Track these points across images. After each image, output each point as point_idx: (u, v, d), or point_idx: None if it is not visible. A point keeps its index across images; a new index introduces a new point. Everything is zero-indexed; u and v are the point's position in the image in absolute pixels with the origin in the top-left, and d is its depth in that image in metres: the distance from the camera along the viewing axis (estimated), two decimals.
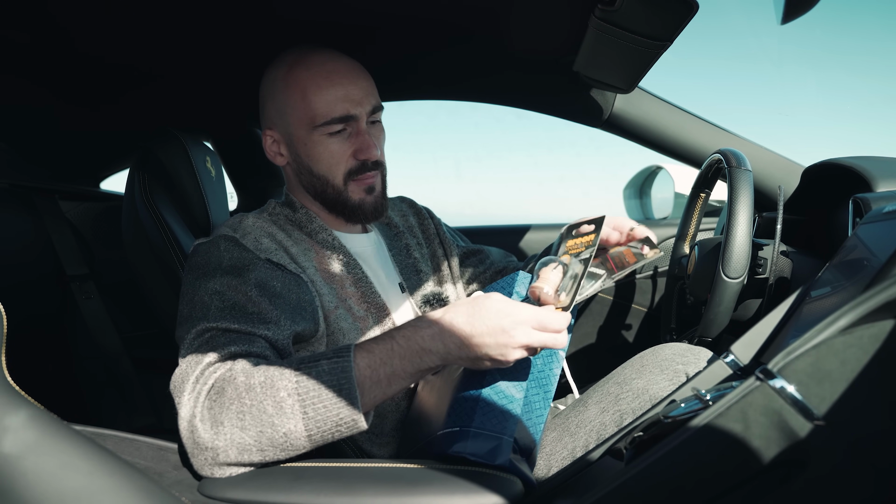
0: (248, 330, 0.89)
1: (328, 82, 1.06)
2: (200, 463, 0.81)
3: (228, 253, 0.99)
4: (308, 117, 1.07)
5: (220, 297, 0.93)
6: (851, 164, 1.34)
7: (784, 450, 0.65)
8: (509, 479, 0.79)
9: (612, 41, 1.14)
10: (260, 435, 0.79)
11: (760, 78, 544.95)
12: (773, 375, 0.65)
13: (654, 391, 0.97)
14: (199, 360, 0.85)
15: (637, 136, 1.66)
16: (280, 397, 0.79)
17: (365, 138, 1.09)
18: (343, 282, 1.09)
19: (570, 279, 0.92)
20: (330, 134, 1.08)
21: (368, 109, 1.09)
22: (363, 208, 1.13)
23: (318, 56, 1.09)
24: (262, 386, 0.80)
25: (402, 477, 0.79)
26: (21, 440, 0.66)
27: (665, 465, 0.68)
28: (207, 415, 0.80)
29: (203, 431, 0.80)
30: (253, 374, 0.81)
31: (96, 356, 1.81)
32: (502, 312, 0.82)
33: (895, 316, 0.65)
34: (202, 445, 0.80)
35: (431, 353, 0.83)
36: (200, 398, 0.81)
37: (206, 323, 0.89)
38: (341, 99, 1.06)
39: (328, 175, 1.10)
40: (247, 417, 0.79)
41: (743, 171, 1.17)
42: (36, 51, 1.23)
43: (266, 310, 0.92)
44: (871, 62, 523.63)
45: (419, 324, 0.85)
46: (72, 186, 1.93)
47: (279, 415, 0.79)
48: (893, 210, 0.92)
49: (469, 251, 1.38)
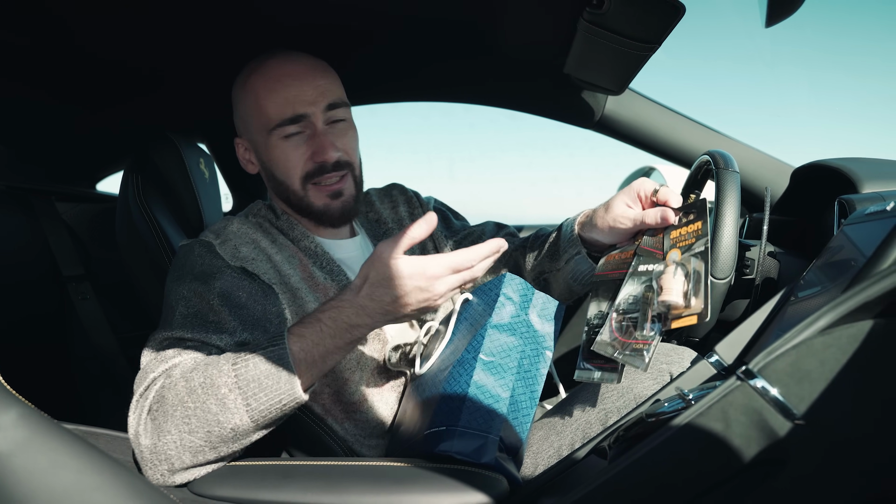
0: (200, 339, 0.91)
1: (280, 85, 1.05)
2: (159, 475, 0.82)
3: (200, 259, 1.00)
4: (262, 122, 1.07)
5: (186, 303, 0.95)
6: (838, 165, 1.35)
7: (764, 449, 0.66)
8: (495, 477, 0.80)
9: (602, 43, 1.15)
10: (209, 434, 0.81)
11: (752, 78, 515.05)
12: (754, 375, 0.66)
13: (639, 390, 0.98)
14: (150, 370, 0.87)
15: (628, 137, 1.67)
16: (222, 394, 0.81)
17: (320, 139, 1.06)
18: (327, 290, 1.08)
19: (694, 280, 0.85)
20: (286, 137, 1.07)
21: (323, 107, 1.07)
22: (328, 213, 1.11)
23: (275, 60, 1.08)
24: (203, 387, 0.81)
25: (389, 475, 0.80)
26: (11, 438, 0.67)
27: (648, 463, 0.69)
28: (151, 426, 0.82)
29: (145, 439, 0.82)
30: (192, 376, 0.83)
31: (92, 356, 1.82)
32: (416, 273, 0.83)
33: (873, 316, 0.65)
34: (152, 457, 0.82)
35: (359, 326, 0.86)
36: (143, 413, 0.83)
37: (166, 331, 0.92)
38: (290, 100, 1.05)
39: (286, 180, 1.09)
40: (192, 420, 0.81)
41: (730, 172, 1.18)
42: (34, 53, 1.24)
43: (225, 319, 0.94)
44: (863, 63, 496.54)
45: (341, 303, 0.86)
46: (68, 188, 1.94)
47: (224, 412, 0.80)
48: (876, 211, 0.93)
49: (463, 235, 1.33)
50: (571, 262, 1.10)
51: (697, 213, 0.91)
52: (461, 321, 1.02)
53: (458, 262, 0.84)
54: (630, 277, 0.93)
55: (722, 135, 1.66)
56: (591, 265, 1.08)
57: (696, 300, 0.83)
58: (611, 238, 1.03)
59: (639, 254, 0.95)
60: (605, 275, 1.00)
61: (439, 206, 1.36)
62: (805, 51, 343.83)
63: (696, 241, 0.88)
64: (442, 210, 1.36)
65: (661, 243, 0.93)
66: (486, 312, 0.96)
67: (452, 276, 0.85)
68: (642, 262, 0.94)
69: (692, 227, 0.90)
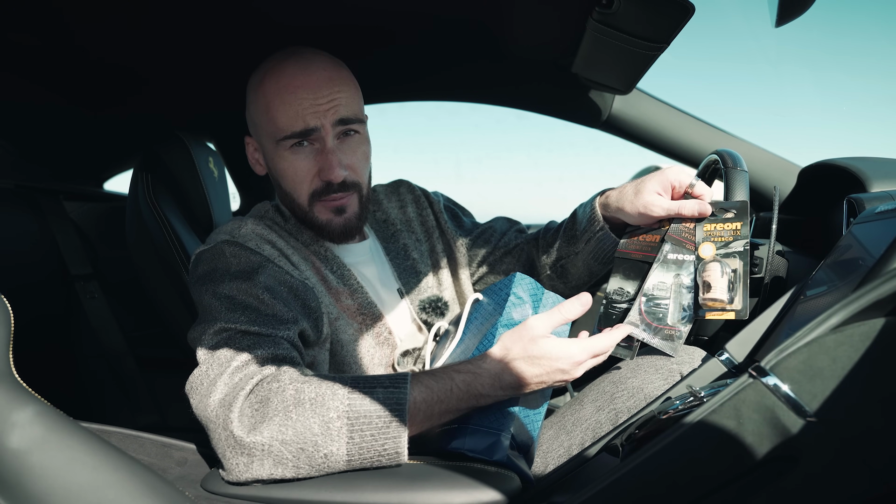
0: (268, 332, 0.88)
1: (292, 96, 1.01)
2: (235, 465, 0.79)
3: (235, 258, 0.98)
4: (271, 131, 1.04)
5: (230, 301, 0.91)
6: (846, 164, 1.35)
7: (776, 446, 0.66)
8: (507, 474, 0.80)
9: (610, 43, 1.15)
10: (300, 452, 0.77)
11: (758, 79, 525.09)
12: (766, 373, 0.66)
13: (649, 390, 0.98)
14: (227, 360, 0.84)
15: (635, 136, 1.67)
16: (329, 417, 0.77)
17: (328, 157, 1.02)
18: (339, 294, 1.07)
19: (732, 278, 0.92)
20: (294, 149, 1.03)
21: (333, 120, 1.02)
22: (330, 229, 1.08)
23: (291, 66, 1.03)
24: (313, 402, 0.78)
25: (402, 472, 0.80)
26: (28, 436, 0.67)
27: (660, 460, 0.69)
28: (248, 420, 0.78)
29: (239, 431, 0.78)
30: (304, 388, 0.79)
31: (100, 355, 1.83)
32: (558, 356, 0.84)
33: (885, 314, 0.66)
34: (237, 447, 0.78)
35: (488, 396, 0.85)
36: (238, 400, 0.79)
37: (222, 323, 0.88)
38: (301, 113, 1.01)
39: (293, 193, 1.06)
40: (289, 431, 0.77)
41: (739, 171, 1.17)
42: (42, 53, 1.24)
43: (281, 311, 0.92)
44: (869, 63, 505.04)
45: (478, 370, 0.85)
46: (76, 187, 1.95)
47: (324, 435, 0.77)
48: (886, 210, 0.93)
49: (476, 234, 1.30)
50: (593, 241, 1.11)
51: (738, 213, 0.96)
52: (471, 321, 1.02)
53: (599, 348, 0.87)
54: (660, 264, 0.98)
55: (729, 134, 1.66)
56: (614, 240, 1.09)
57: (737, 299, 0.90)
58: (637, 221, 1.05)
59: (667, 240, 0.99)
60: (627, 253, 1.05)
61: (447, 203, 1.35)
62: (811, 51, 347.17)
63: (734, 241, 0.93)
64: (451, 208, 1.34)
65: (691, 234, 0.98)
66: (496, 312, 0.97)
67: (590, 360, 0.87)
68: (673, 250, 0.98)
69: (730, 225, 0.95)
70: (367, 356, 1.07)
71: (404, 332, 1.14)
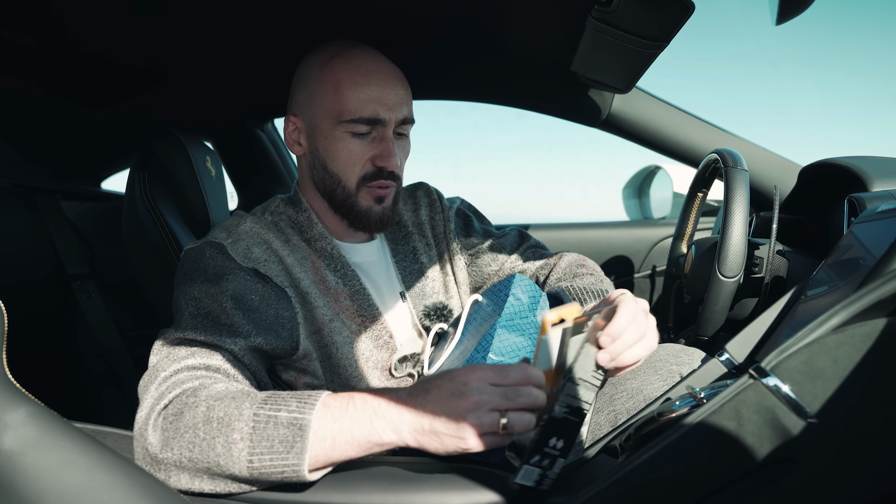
0: (213, 342, 0.87)
1: (365, 80, 1.03)
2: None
3: (213, 260, 0.98)
4: (336, 110, 1.04)
5: (196, 304, 0.92)
6: (847, 163, 1.35)
7: (777, 447, 0.66)
8: (506, 476, 0.79)
9: (609, 41, 1.15)
10: (208, 470, 0.76)
11: (759, 78, 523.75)
12: (767, 373, 0.66)
13: (649, 391, 0.98)
14: (160, 368, 0.84)
15: (635, 135, 1.67)
16: (232, 438, 0.75)
17: (387, 146, 1.05)
18: (338, 295, 1.06)
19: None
20: (353, 133, 1.05)
21: (399, 118, 1.06)
22: (369, 216, 1.09)
23: (361, 53, 1.06)
24: (219, 422, 0.76)
25: (399, 474, 0.79)
26: (21, 437, 0.67)
27: (659, 461, 0.69)
28: (160, 435, 0.78)
29: (153, 447, 0.77)
30: (214, 406, 0.77)
31: (97, 354, 1.82)
32: (454, 375, 0.75)
33: (887, 315, 0.65)
34: (152, 462, 0.78)
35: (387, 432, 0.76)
36: (155, 413, 0.79)
37: (177, 332, 0.89)
38: (373, 100, 1.03)
39: (342, 175, 1.07)
40: (196, 450, 0.76)
41: (739, 170, 1.17)
42: (39, 52, 1.24)
43: (238, 322, 0.91)
44: (869, 63, 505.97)
45: (388, 394, 0.77)
46: (73, 186, 1.94)
47: (227, 456, 0.75)
48: (887, 209, 0.93)
49: (484, 248, 1.27)
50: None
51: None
52: (470, 322, 1.01)
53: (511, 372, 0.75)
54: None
55: (729, 133, 1.66)
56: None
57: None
58: None
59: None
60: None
61: (463, 208, 1.32)
62: (811, 51, 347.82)
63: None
64: (465, 213, 1.31)
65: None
66: (495, 312, 0.96)
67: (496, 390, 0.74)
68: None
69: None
70: (363, 358, 1.06)
71: (405, 337, 1.13)
